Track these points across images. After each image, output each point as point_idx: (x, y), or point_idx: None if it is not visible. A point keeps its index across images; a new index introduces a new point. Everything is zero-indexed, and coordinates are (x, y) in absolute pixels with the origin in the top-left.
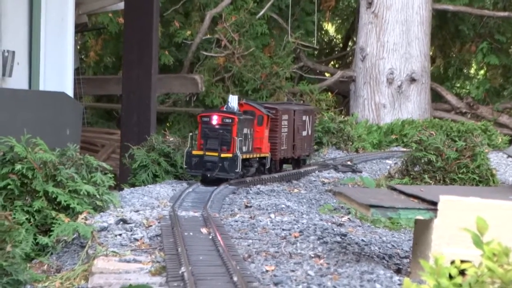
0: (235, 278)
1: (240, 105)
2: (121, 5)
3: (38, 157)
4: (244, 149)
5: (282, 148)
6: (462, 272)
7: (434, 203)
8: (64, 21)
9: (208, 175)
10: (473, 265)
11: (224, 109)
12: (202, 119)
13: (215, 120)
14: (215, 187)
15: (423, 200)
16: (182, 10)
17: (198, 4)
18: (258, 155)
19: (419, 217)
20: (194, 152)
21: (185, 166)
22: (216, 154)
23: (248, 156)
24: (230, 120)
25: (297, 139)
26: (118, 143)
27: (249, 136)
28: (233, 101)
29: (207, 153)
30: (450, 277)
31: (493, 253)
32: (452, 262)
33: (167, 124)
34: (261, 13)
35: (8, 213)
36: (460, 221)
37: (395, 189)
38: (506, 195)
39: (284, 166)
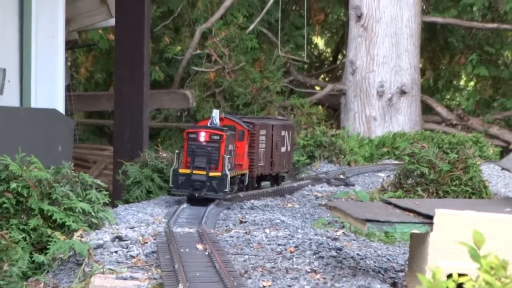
0: None
1: (220, 119)
2: (111, 22)
3: (33, 175)
4: (229, 166)
5: (260, 164)
6: (459, 286)
7: (430, 217)
8: (55, 38)
9: (196, 195)
10: (471, 279)
11: (208, 124)
12: (188, 135)
13: (202, 136)
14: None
15: (418, 214)
16: (172, 25)
17: (188, 19)
18: (240, 173)
19: (415, 231)
20: (180, 171)
21: (171, 185)
22: (204, 172)
23: (233, 174)
24: (218, 137)
25: (275, 155)
26: (110, 159)
27: (233, 153)
28: (216, 116)
29: (194, 172)
30: None
31: (490, 266)
32: (449, 276)
33: (159, 140)
34: (251, 27)
35: (4, 232)
36: (456, 235)
37: (390, 203)
38: (501, 207)
39: (263, 184)
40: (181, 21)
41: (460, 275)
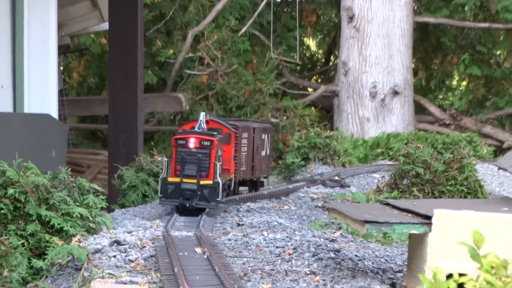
0: None
1: (205, 122)
2: (103, 26)
3: (30, 181)
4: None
5: (242, 169)
6: (459, 286)
7: (428, 217)
8: (47, 43)
9: (187, 205)
10: (471, 278)
11: (196, 129)
12: (177, 141)
13: (192, 143)
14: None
15: (417, 214)
16: (164, 29)
17: (180, 23)
18: (228, 178)
19: (414, 231)
20: (170, 179)
21: (160, 195)
22: (195, 181)
23: (223, 181)
24: (208, 143)
25: (256, 159)
26: (104, 164)
27: (221, 158)
28: (204, 119)
29: (184, 180)
30: None
31: (491, 266)
32: (449, 276)
33: (152, 143)
34: (243, 30)
35: (4, 238)
36: (454, 235)
37: (387, 204)
38: (498, 207)
39: (241, 189)
40: (173, 24)
41: (459, 275)
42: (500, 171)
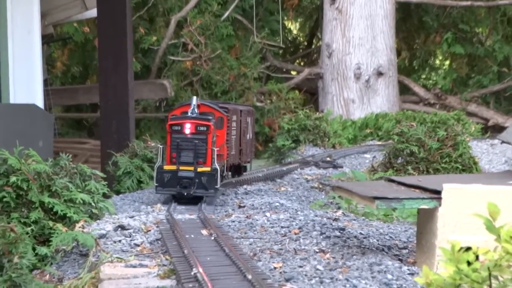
0: (249, 276)
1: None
2: (86, 15)
3: (32, 168)
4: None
5: (232, 153)
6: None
7: (437, 192)
8: (31, 33)
9: (185, 193)
10: (489, 250)
11: (189, 113)
12: (172, 128)
13: (188, 128)
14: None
15: (425, 189)
16: (147, 16)
17: (162, 9)
18: (222, 164)
19: (424, 206)
20: (166, 167)
21: (156, 184)
22: (192, 168)
23: (220, 167)
24: (205, 128)
25: (243, 143)
26: (91, 152)
27: (215, 143)
28: (196, 103)
29: (181, 168)
30: None
31: (510, 236)
32: (460, 249)
33: (138, 131)
34: (226, 15)
35: (13, 225)
36: (464, 208)
37: (393, 181)
38: (504, 180)
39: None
40: (156, 11)
41: (469, 248)
42: (490, 148)
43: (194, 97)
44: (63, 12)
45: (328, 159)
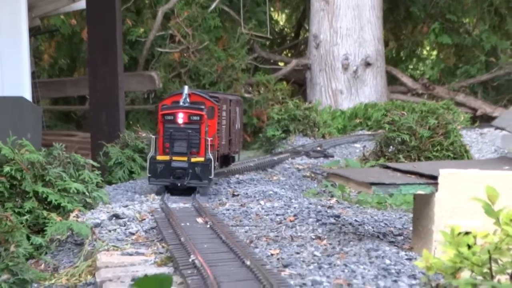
0: (247, 262)
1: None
2: (73, 7)
3: (25, 158)
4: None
5: (222, 143)
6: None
7: (434, 177)
8: (18, 26)
9: (178, 184)
10: (489, 233)
11: (181, 103)
12: (164, 117)
13: (181, 118)
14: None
15: (421, 175)
16: (134, 7)
17: (149, 1)
18: (215, 154)
19: (420, 191)
20: (158, 158)
21: (149, 175)
22: (185, 158)
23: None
24: (198, 118)
25: (232, 132)
26: (80, 145)
27: (207, 133)
28: (188, 92)
29: (174, 158)
30: None
31: (510, 219)
32: (458, 234)
33: (126, 123)
34: (213, 6)
35: (9, 214)
36: (461, 193)
37: (388, 167)
38: (499, 166)
39: None
40: (143, 3)
41: (467, 233)
42: (479, 137)
43: (186, 87)
44: (50, 4)
45: (318, 148)
